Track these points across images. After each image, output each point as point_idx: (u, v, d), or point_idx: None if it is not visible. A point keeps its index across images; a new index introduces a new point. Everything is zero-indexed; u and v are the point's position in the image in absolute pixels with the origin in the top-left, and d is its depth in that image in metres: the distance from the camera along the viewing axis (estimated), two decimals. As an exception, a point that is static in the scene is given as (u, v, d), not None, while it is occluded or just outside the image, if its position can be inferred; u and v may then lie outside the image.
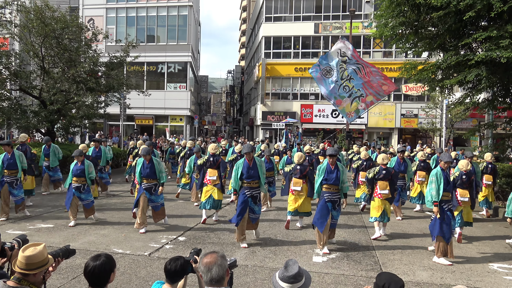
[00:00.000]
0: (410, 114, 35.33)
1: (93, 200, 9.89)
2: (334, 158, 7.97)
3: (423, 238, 8.94)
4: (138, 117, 37.64)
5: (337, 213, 8.01)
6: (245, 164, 8.10)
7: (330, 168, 7.96)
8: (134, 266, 6.67)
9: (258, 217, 8.33)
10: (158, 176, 9.00)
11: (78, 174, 9.59)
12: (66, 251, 3.36)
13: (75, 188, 9.56)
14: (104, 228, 9.18)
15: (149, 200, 9.01)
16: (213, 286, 2.88)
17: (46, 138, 13.67)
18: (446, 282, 6.32)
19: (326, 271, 6.71)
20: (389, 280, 2.87)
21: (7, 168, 10.03)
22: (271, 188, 12.04)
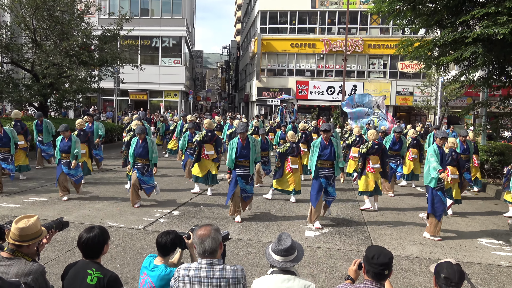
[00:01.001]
0: (405, 92, 35.30)
1: (83, 176, 9.85)
2: (328, 134, 7.95)
3: (414, 214, 9.07)
4: (132, 92, 37.34)
5: (332, 189, 8.02)
6: (238, 143, 8.06)
7: (324, 144, 7.96)
8: (129, 239, 6.74)
9: (250, 196, 8.31)
10: (150, 156, 8.89)
11: (66, 150, 9.34)
12: (60, 223, 3.39)
13: (64, 164, 9.35)
14: (99, 202, 9.22)
15: (140, 181, 8.91)
16: (206, 257, 2.92)
17: (38, 114, 13.55)
18: (435, 256, 6.45)
19: (318, 245, 6.82)
20: (378, 252, 2.93)
21: (2, 146, 10.23)
22: (266, 167, 12.10)
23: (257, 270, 5.60)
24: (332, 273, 5.66)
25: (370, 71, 36.33)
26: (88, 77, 20.44)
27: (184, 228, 7.14)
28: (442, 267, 2.89)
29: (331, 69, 36.66)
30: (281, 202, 9.78)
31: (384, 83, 35.62)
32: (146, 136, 9.01)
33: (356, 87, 35.51)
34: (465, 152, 11.05)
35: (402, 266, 6.05)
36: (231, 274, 2.92)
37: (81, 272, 3.01)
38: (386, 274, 2.92)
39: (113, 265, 5.58)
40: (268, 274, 3.08)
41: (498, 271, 6.04)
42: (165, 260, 3.55)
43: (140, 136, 8.89)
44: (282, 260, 3.04)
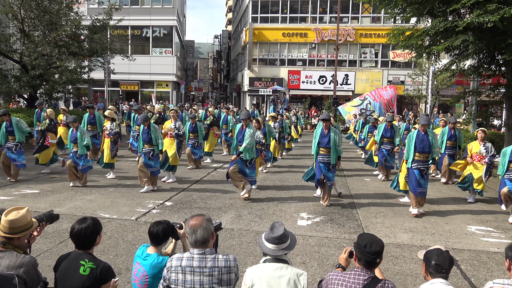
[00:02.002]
0: (396, 81, 35.39)
1: (91, 166, 9.95)
2: (327, 123, 8.53)
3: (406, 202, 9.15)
4: (123, 82, 37.05)
5: (332, 174, 8.64)
6: (239, 130, 8.87)
7: (324, 133, 8.56)
8: (121, 230, 6.74)
9: (251, 179, 8.94)
10: (154, 142, 9.44)
11: (73, 141, 9.82)
12: (50, 216, 3.38)
13: (72, 153, 9.81)
14: (91, 193, 9.19)
15: (146, 165, 9.41)
16: (198, 247, 2.94)
17: (38, 102, 13.89)
18: (425, 243, 6.53)
19: (310, 234, 6.87)
20: (370, 240, 2.95)
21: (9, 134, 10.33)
22: (266, 153, 12.23)
23: (249, 259, 5.64)
24: (324, 261, 5.71)
25: (362, 60, 36.35)
26: (78, 68, 20.24)
27: (177, 219, 7.16)
28: (432, 254, 2.92)
29: (323, 58, 36.62)
30: (273, 192, 9.82)
31: (376, 72, 35.69)
32: (151, 123, 9.54)
33: (348, 76, 35.54)
34: (452, 138, 11.21)
35: (393, 253, 6.12)
36: (224, 263, 2.94)
37: (74, 263, 3.01)
38: (377, 262, 2.95)
39: (106, 256, 5.58)
40: (261, 263, 3.10)
41: (487, 257, 6.14)
42: (157, 250, 3.57)
43: (145, 123, 9.44)
44: (275, 248, 3.06)
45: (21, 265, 2.82)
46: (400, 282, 5.14)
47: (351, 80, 35.52)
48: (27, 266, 2.84)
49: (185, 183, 10.53)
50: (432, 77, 24.14)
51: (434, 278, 2.87)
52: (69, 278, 2.98)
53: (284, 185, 10.63)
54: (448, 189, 10.68)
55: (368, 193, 10.04)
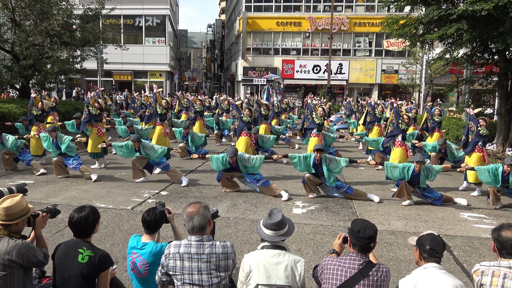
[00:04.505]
0: (390, 70, 35.45)
1: (80, 163, 9.69)
2: (321, 153, 8.15)
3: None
4: (116, 72, 36.78)
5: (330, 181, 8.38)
6: (230, 163, 8.48)
7: (315, 163, 8.23)
8: (117, 219, 6.77)
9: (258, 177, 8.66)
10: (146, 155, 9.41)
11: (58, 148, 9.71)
12: (53, 210, 3.42)
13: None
14: (86, 183, 9.19)
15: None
16: (195, 234, 2.97)
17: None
18: (419, 230, 6.62)
19: (305, 222, 6.94)
20: (363, 226, 3.01)
21: None
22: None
23: (246, 247, 5.69)
24: (319, 248, 5.78)
25: (356, 49, 36.32)
26: (70, 58, 20.08)
27: (173, 208, 7.18)
28: (426, 239, 2.98)
29: (317, 47, 36.55)
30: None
31: (370, 61, 35.70)
32: (141, 144, 9.34)
33: (342, 65, 35.53)
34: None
35: (387, 240, 6.20)
36: (221, 250, 2.98)
37: (72, 251, 3.04)
38: (371, 247, 3.01)
39: (103, 245, 5.61)
40: (259, 249, 3.14)
41: (479, 243, 6.24)
42: (152, 237, 3.60)
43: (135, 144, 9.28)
44: (273, 234, 3.10)
45: (12, 249, 2.86)
46: (394, 268, 5.22)
47: (345, 69, 35.53)
48: (19, 249, 2.88)
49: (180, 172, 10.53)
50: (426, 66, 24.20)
51: (428, 263, 2.93)
52: (67, 266, 3.01)
53: (279, 174, 10.68)
54: (441, 177, 10.78)
55: (362, 181, 10.11)
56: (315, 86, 36.48)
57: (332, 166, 8.25)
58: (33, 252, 2.97)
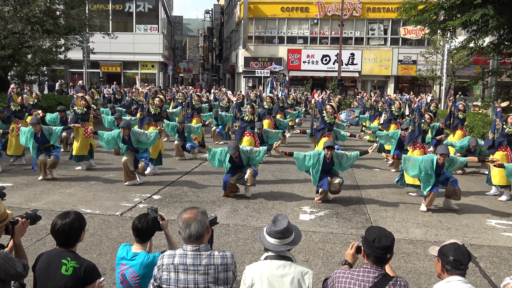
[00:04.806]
0: (408, 61, 35.37)
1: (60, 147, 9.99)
2: (332, 151, 8.18)
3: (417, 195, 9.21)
4: (103, 63, 36.83)
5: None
6: (232, 159, 8.51)
7: (326, 161, 8.24)
8: (105, 226, 6.77)
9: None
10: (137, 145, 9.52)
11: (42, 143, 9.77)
12: (33, 216, 3.41)
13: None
14: (70, 186, 9.20)
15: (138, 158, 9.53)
16: (192, 243, 2.95)
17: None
18: (440, 239, 6.59)
19: (313, 229, 6.92)
20: (379, 234, 2.98)
21: None
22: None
23: (247, 257, 5.68)
24: (330, 259, 5.76)
25: (369, 38, 36.26)
26: (53, 47, 20.09)
27: (167, 214, 7.16)
28: (449, 248, 2.95)
29: (326, 35, 36.50)
30: (272, 185, 9.85)
31: (385, 51, 35.63)
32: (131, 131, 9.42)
33: (353, 55, 35.49)
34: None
35: (405, 250, 6.18)
36: (220, 260, 2.96)
37: (55, 262, 3.02)
38: (388, 258, 2.98)
39: (89, 255, 5.60)
40: (262, 260, 3.12)
41: (508, 254, 6.21)
42: (144, 247, 3.59)
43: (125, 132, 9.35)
44: (278, 243, 3.08)
45: None
46: (413, 281, 5.20)
47: (358, 60, 35.48)
48: None
49: (174, 174, 10.54)
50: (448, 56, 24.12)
51: (451, 276, 2.90)
52: (50, 278, 3.00)
53: (284, 176, 10.67)
54: (466, 180, 10.74)
55: (377, 184, 10.09)
56: (324, 78, 36.44)
57: (343, 161, 8.37)
58: (12, 263, 2.95)
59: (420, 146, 10.10)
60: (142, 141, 9.37)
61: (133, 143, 9.30)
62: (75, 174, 10.33)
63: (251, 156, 8.57)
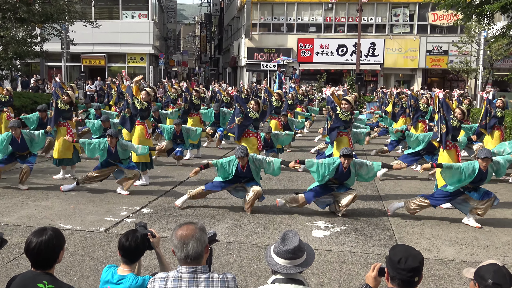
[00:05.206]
0: (438, 51, 35.34)
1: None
2: (349, 160, 8.15)
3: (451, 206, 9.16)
4: (85, 56, 37.01)
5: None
6: (238, 168, 8.41)
7: (342, 171, 8.23)
8: (87, 245, 6.78)
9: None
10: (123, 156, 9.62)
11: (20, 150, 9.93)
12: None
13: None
14: (47, 198, 9.22)
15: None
16: (188, 264, 2.95)
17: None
18: (477, 259, 6.56)
19: (329, 247, 6.90)
20: (406, 254, 2.97)
21: None
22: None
23: (252, 280, 5.68)
24: (347, 282, 5.75)
25: (393, 25, 36.27)
26: (28, 38, 20.18)
27: (159, 230, 7.19)
28: (487, 270, 2.94)
29: (342, 22, 36.54)
30: (280, 196, 9.82)
31: (411, 40, 35.62)
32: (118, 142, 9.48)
33: (374, 45, 35.50)
34: None
35: (435, 271, 6.16)
36: (220, 284, 2.96)
37: (30, 286, 3.02)
38: (416, 281, 2.98)
39: (69, 278, 5.62)
40: (269, 284, 3.12)
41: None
42: (132, 268, 3.59)
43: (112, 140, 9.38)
44: (288, 265, 3.07)
45: None
46: (444, 308, 5.18)
47: (379, 50, 35.49)
48: None
49: (167, 184, 10.55)
50: (484, 46, 24.06)
51: (490, 302, 2.89)
52: (24, 305, 3.00)
53: (294, 186, 10.66)
54: (507, 190, 10.70)
55: (402, 195, 10.05)
56: (340, 72, 36.50)
57: (363, 172, 8.33)
58: None
59: (451, 145, 10.04)
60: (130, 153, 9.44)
61: (119, 155, 9.36)
62: (53, 184, 10.36)
63: (262, 166, 8.50)
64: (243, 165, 8.35)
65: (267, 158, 8.63)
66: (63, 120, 11.03)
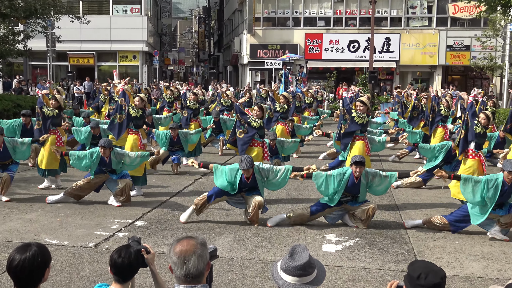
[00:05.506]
0: (459, 46, 35.30)
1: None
2: (361, 168, 8.10)
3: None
4: (73, 55, 37.11)
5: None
6: (242, 179, 8.36)
7: (353, 181, 8.19)
8: (75, 261, 6.77)
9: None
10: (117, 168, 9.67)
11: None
12: None
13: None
14: (31, 210, 9.23)
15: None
16: (189, 283, 2.93)
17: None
18: (505, 275, 6.53)
19: (341, 263, 6.89)
20: (426, 269, 2.96)
21: None
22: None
23: (257, 300, 5.67)
24: (362, 302, 5.74)
25: (409, 18, 36.29)
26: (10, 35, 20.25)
27: (154, 245, 7.19)
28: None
29: (353, 16, 36.58)
30: (287, 206, 9.82)
31: (429, 34, 35.60)
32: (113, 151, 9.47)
33: (389, 40, 35.50)
34: None
35: (459, 289, 6.14)
36: (222, 305, 2.96)
37: (13, 308, 3.04)
38: (437, 300, 2.97)
39: (55, 298, 5.62)
40: (275, 304, 3.12)
41: None
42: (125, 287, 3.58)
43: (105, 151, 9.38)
44: (297, 282, 3.06)
45: None
46: (469, 330, 5.16)
47: (395, 46, 35.49)
48: None
49: (162, 195, 10.55)
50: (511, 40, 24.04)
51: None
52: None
53: (302, 195, 10.66)
54: None
55: (421, 204, 10.05)
56: (352, 70, 36.48)
57: (375, 183, 8.28)
58: None
59: (474, 154, 9.94)
60: (125, 163, 9.43)
61: (113, 165, 9.36)
62: (38, 194, 10.37)
63: (269, 177, 8.47)
64: (247, 176, 8.33)
65: (274, 167, 8.58)
66: (53, 127, 11.05)
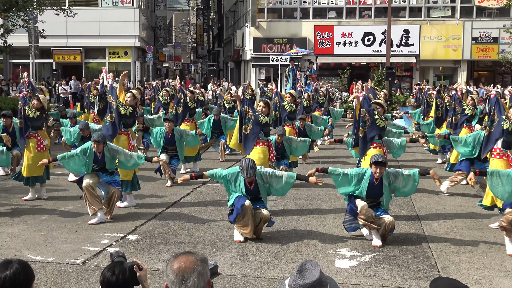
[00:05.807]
0: (486, 39, 35.24)
1: None
2: (382, 169, 8.09)
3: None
4: (58, 51, 37.20)
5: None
6: (245, 185, 8.36)
7: (373, 182, 8.19)
8: (61, 280, 6.77)
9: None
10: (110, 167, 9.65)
11: None
12: None
13: None
14: (12, 224, 9.24)
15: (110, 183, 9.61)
16: (187, 303, 2.93)
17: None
18: (538, 293, 6.51)
19: (356, 281, 6.87)
20: (451, 287, 2.95)
21: None
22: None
23: (262, 322, 5.66)
24: (380, 324, 5.72)
25: (430, 7, 36.28)
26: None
27: (147, 262, 7.18)
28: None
29: (368, 5, 36.59)
30: (296, 218, 9.82)
31: (453, 26, 35.56)
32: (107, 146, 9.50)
33: (408, 32, 35.45)
34: None
35: (487, 309, 6.12)
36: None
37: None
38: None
39: (39, 321, 5.62)
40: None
41: None
42: None
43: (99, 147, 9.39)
44: (306, 303, 3.06)
45: None
46: None
47: (414, 39, 35.46)
48: None
49: (157, 206, 10.55)
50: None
51: None
52: None
53: (313, 205, 10.66)
54: None
55: (445, 215, 10.03)
56: (367, 66, 36.47)
57: (399, 184, 8.26)
58: None
59: (501, 154, 9.94)
60: (120, 161, 9.43)
61: (106, 162, 9.35)
62: (20, 206, 10.39)
63: (270, 182, 8.44)
64: (250, 182, 8.33)
65: (276, 172, 8.57)
66: (33, 130, 11.03)
